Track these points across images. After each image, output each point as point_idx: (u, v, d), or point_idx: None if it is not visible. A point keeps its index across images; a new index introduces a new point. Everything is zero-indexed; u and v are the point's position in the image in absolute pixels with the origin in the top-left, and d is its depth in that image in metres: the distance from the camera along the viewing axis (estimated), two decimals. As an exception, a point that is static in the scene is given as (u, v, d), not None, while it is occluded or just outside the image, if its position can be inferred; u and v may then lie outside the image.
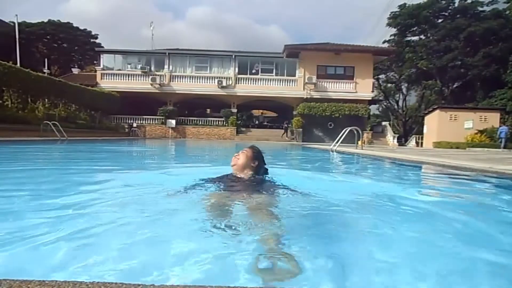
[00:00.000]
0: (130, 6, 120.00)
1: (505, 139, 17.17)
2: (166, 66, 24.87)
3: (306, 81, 24.03)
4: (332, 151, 9.82)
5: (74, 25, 35.36)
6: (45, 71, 23.68)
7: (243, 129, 25.45)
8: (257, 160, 2.51)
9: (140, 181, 3.17)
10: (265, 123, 32.02)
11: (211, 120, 25.24)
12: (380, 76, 37.23)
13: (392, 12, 32.66)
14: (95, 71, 25.52)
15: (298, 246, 1.32)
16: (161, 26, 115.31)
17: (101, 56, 25.65)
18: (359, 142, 11.42)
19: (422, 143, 23.65)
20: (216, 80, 24.34)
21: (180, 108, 26.23)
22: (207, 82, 24.62)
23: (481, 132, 18.90)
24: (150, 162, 6.40)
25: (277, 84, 24.80)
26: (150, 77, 24.07)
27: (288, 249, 1.23)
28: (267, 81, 24.80)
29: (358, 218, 1.97)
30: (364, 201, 2.56)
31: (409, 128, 37.67)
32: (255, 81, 24.74)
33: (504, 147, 16.60)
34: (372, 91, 26.29)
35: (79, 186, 2.77)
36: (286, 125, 24.76)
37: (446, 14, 31.14)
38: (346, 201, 2.41)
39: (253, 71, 25.30)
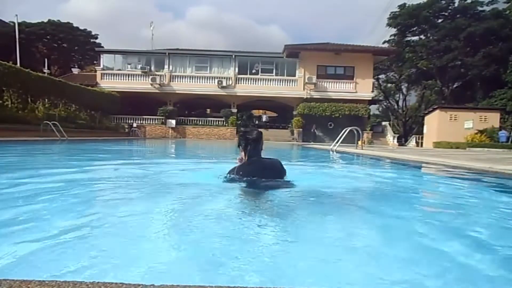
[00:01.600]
0: (130, 6, 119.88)
1: (507, 141, 17.36)
2: (166, 66, 24.87)
3: (306, 81, 24.03)
4: (332, 151, 9.83)
5: (74, 25, 35.36)
6: (45, 71, 23.69)
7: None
8: (241, 147, 2.53)
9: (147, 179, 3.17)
10: (266, 123, 31.81)
11: (211, 120, 25.23)
12: (380, 76, 37.21)
13: (392, 12, 32.65)
14: (95, 71, 25.52)
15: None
16: (161, 26, 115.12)
17: (101, 56, 25.65)
18: (359, 142, 11.42)
19: (422, 143, 23.64)
20: (216, 80, 24.34)
21: (180, 108, 26.23)
22: (207, 82, 24.62)
23: (481, 132, 18.88)
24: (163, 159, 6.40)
25: (277, 84, 24.80)
26: (150, 77, 24.07)
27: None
28: (267, 81, 24.80)
29: (351, 218, 1.97)
30: (360, 201, 2.56)
31: (409, 128, 37.67)
32: (255, 81, 24.74)
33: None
34: (372, 91, 26.29)
35: (80, 186, 2.77)
36: (314, 130, 22.96)
37: (446, 14, 31.11)
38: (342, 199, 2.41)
39: (253, 71, 25.29)
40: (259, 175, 2.48)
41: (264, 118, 29.77)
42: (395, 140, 23.74)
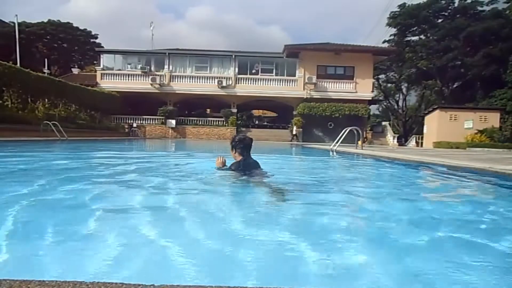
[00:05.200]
0: (130, 6, 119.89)
1: None
2: (166, 66, 24.85)
3: (306, 81, 24.02)
4: (332, 151, 9.83)
5: (74, 25, 35.35)
6: (45, 71, 23.70)
7: (243, 129, 25.43)
8: (238, 150, 3.22)
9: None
10: (265, 123, 31.81)
11: (211, 120, 25.22)
12: (380, 76, 37.20)
13: (392, 12, 32.64)
14: (95, 71, 25.50)
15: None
16: (162, 27, 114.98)
17: (101, 56, 25.63)
18: (359, 142, 11.42)
19: (422, 143, 23.63)
20: (216, 80, 24.33)
21: (180, 108, 26.21)
22: (207, 82, 24.60)
23: (481, 132, 18.88)
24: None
25: (277, 84, 24.78)
26: (150, 77, 24.06)
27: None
28: (267, 81, 24.78)
29: (352, 218, 1.97)
30: (360, 202, 2.56)
31: (409, 128, 37.66)
32: (255, 81, 24.73)
33: None
34: (372, 91, 26.27)
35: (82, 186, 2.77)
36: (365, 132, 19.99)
37: (446, 14, 31.11)
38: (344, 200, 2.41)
39: (253, 71, 25.28)
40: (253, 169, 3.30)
41: (265, 120, 29.92)
42: (395, 140, 23.75)
